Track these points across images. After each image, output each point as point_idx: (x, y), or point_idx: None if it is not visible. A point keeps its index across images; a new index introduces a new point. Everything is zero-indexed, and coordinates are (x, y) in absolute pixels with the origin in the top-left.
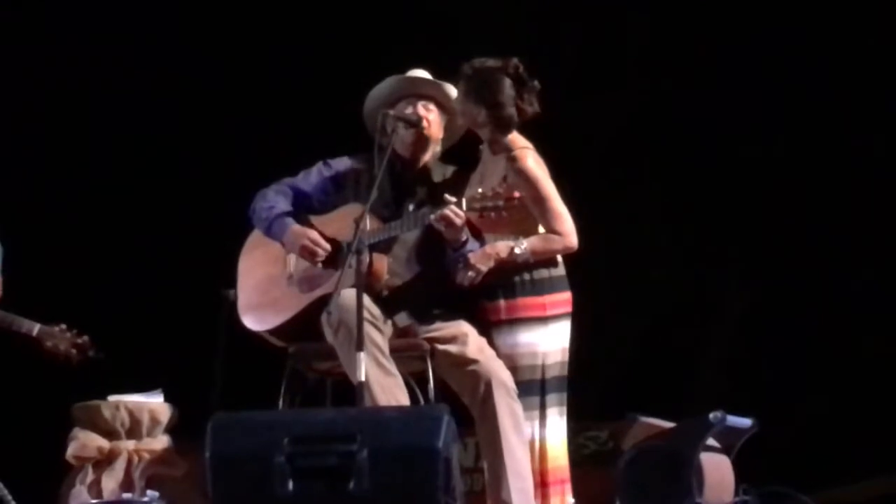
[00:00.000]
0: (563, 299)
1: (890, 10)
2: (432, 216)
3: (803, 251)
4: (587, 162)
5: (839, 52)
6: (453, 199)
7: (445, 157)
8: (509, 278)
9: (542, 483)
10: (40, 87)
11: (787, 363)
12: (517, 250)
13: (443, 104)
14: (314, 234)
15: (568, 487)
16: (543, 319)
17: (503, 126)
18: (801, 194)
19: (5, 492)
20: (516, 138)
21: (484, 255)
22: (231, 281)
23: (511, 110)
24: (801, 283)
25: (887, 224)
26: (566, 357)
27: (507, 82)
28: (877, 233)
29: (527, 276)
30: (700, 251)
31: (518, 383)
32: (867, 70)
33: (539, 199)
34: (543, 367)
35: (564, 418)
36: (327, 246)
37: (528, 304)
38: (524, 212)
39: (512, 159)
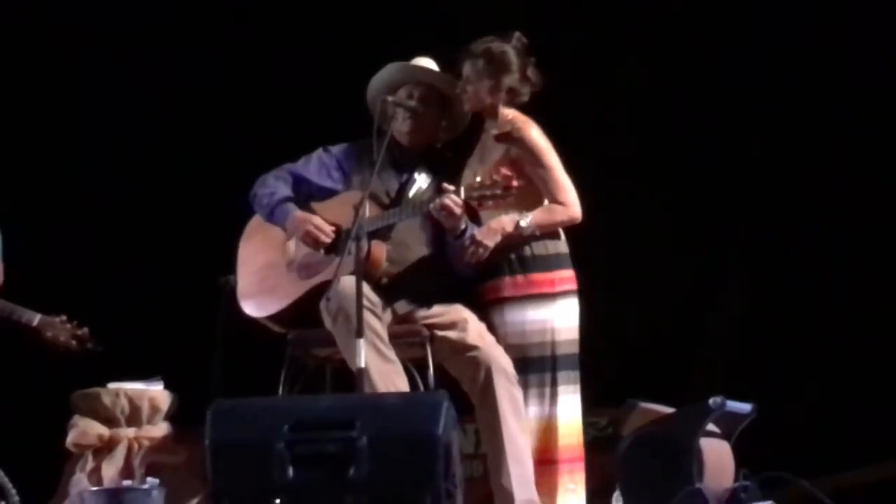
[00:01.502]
0: (569, 276)
1: (889, 9)
2: (431, 205)
3: (803, 236)
4: (588, 154)
5: (839, 49)
6: (452, 188)
7: (446, 144)
8: (515, 253)
9: (550, 461)
10: (38, 79)
11: (787, 348)
12: (522, 223)
13: (444, 92)
14: (318, 220)
15: (579, 466)
16: (552, 295)
17: (514, 94)
18: (801, 182)
19: (5, 479)
20: (517, 115)
21: (490, 230)
22: (230, 267)
23: (523, 82)
24: (801, 267)
25: (886, 213)
26: (574, 336)
27: (514, 52)
28: (876, 220)
29: (533, 252)
30: (700, 237)
31: (528, 360)
32: (867, 68)
33: (543, 168)
34: (554, 343)
35: (578, 396)
36: (331, 231)
37: (536, 280)
38: (523, 197)
39: (515, 131)
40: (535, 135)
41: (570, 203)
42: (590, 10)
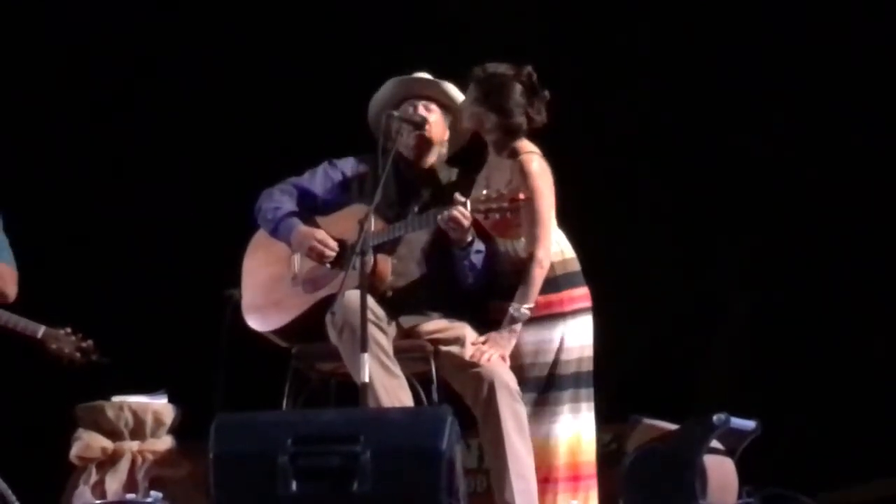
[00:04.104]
0: (580, 294)
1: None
2: (439, 217)
3: (807, 252)
4: (590, 165)
5: (841, 53)
6: (461, 200)
7: (451, 159)
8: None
9: (552, 479)
10: (41, 87)
11: (791, 365)
12: (515, 314)
13: (445, 104)
14: (322, 235)
15: (585, 484)
16: (562, 315)
17: (511, 133)
18: (805, 197)
19: (9, 492)
20: (524, 143)
21: (500, 343)
22: (235, 281)
23: (520, 118)
24: (805, 284)
25: (890, 228)
26: (586, 353)
27: (518, 89)
28: (880, 233)
29: None
30: (704, 253)
31: (534, 379)
32: (869, 71)
33: (531, 211)
34: (559, 363)
35: (583, 415)
36: (335, 246)
37: (545, 301)
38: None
39: (518, 163)
40: (536, 170)
41: (541, 258)
42: (593, 25)
